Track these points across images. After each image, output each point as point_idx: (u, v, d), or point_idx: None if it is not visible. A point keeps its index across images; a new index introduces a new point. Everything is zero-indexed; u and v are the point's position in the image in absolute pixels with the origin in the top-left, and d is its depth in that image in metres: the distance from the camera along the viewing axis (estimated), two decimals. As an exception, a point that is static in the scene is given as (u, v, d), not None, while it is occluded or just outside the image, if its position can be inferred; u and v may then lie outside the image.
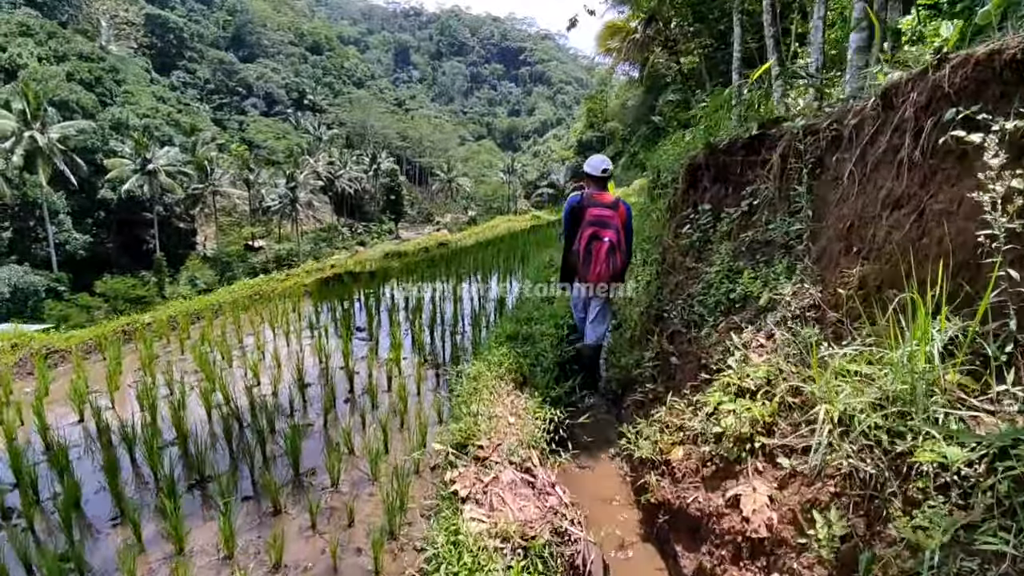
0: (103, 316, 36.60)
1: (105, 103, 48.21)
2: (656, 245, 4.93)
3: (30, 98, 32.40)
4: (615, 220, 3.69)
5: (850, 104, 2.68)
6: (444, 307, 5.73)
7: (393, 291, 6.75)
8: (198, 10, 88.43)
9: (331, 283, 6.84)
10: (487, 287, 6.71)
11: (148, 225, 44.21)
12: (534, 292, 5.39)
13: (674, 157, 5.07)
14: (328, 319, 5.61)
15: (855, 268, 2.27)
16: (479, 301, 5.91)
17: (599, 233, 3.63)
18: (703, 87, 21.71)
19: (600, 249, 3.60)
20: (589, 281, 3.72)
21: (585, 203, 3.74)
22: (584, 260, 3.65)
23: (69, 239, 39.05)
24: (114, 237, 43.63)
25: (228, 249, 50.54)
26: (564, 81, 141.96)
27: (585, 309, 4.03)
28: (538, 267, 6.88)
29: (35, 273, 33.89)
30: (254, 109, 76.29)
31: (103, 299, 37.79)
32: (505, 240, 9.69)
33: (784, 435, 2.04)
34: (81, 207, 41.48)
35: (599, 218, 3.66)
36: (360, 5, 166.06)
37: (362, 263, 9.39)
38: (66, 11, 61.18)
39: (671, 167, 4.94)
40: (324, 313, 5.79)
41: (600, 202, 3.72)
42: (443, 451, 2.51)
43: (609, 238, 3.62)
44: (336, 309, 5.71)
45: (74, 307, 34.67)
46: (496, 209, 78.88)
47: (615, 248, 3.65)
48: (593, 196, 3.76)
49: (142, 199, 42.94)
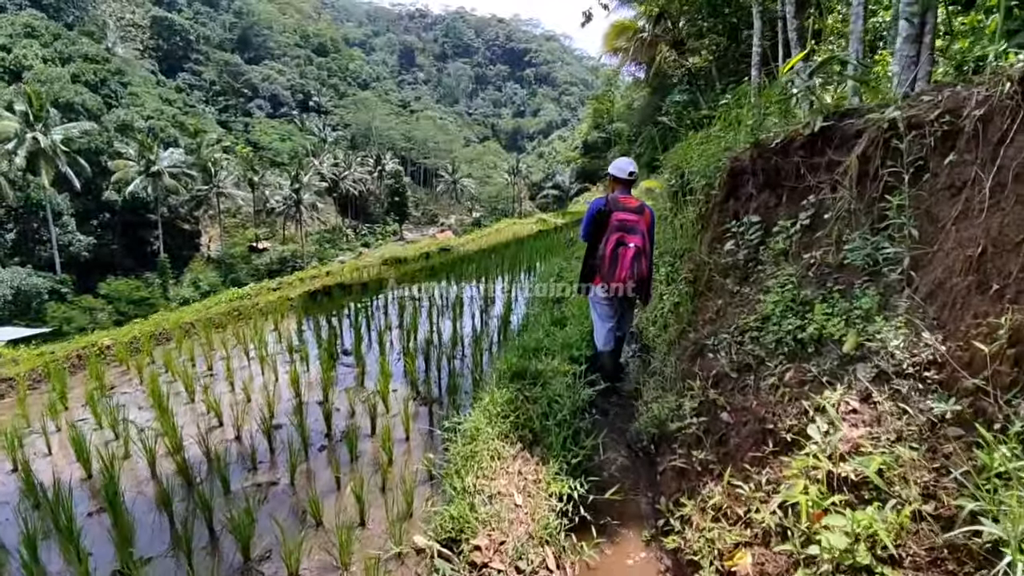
0: (106, 318, 36.44)
1: (111, 105, 48.11)
2: (685, 261, 4.27)
3: (32, 99, 32.21)
4: (641, 225, 3.57)
5: (970, 91, 2.02)
6: (442, 324, 5.14)
7: (387, 305, 6.16)
8: (205, 12, 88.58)
9: (319, 297, 6.30)
10: (490, 302, 6.15)
11: (152, 227, 44.02)
12: (544, 291, 4.80)
13: (707, 158, 4.41)
14: (312, 340, 5.01)
15: (1001, 316, 1.61)
16: (481, 318, 5.31)
17: (625, 239, 3.51)
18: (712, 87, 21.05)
19: (626, 255, 3.49)
20: (612, 287, 3.60)
21: (610, 207, 3.59)
22: (609, 265, 3.53)
23: (73, 241, 38.85)
24: (118, 239, 43.45)
25: (232, 251, 50.28)
26: (569, 82, 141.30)
27: (607, 309, 3.81)
28: (545, 278, 6.27)
29: (38, 275, 33.64)
30: (259, 111, 76.21)
31: (106, 301, 37.58)
32: (510, 247, 9.05)
33: (922, 567, 1.39)
34: (86, 209, 41.31)
35: (625, 223, 3.53)
36: (366, 7, 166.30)
37: (358, 270, 8.81)
38: (72, 13, 61.30)
39: (703, 170, 4.28)
40: (308, 332, 5.20)
41: (626, 206, 3.59)
42: (428, 548, 1.88)
43: (635, 244, 3.50)
44: (322, 328, 5.12)
45: (77, 309, 34.43)
46: (501, 211, 78.36)
47: (641, 254, 3.53)
48: (619, 200, 3.62)
49: (146, 201, 42.75)
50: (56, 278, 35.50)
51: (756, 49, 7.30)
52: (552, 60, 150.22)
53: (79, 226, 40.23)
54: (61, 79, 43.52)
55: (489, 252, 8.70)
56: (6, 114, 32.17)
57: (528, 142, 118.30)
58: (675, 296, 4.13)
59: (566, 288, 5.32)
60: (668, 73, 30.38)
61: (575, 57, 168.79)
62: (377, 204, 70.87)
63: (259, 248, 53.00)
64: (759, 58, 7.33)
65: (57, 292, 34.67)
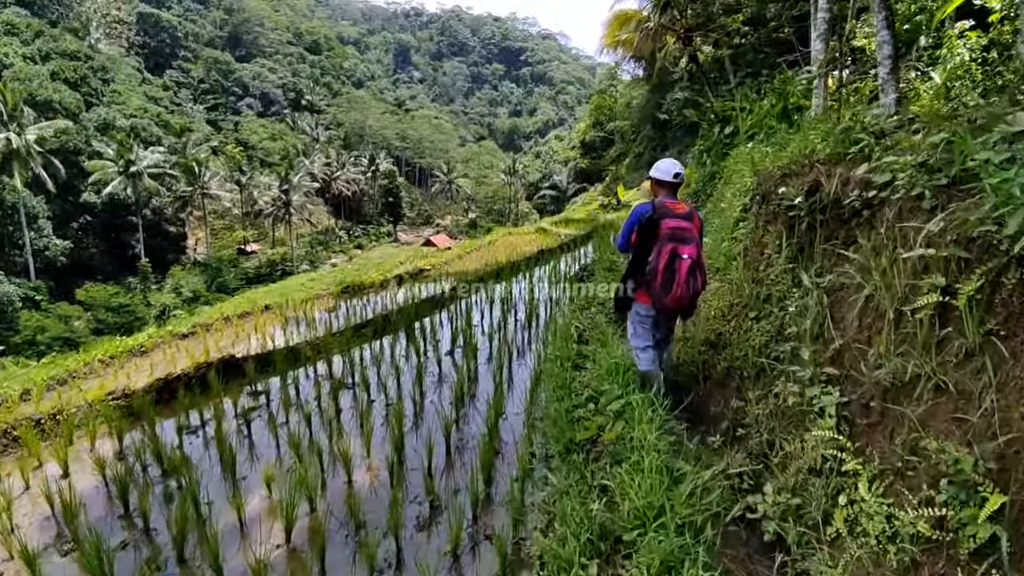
0: (84, 326, 34.81)
1: (91, 103, 46.40)
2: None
3: (7, 98, 30.57)
4: (693, 232, 3.18)
5: None
6: (376, 458, 3.04)
7: (294, 399, 3.96)
8: (194, 9, 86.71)
9: (172, 389, 3.84)
10: (470, 396, 3.88)
11: (135, 229, 42.38)
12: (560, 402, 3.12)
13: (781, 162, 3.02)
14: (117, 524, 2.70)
15: None
16: (450, 450, 3.17)
17: (679, 250, 3.09)
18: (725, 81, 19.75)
19: (682, 268, 3.07)
20: (667, 306, 3.11)
21: (659, 213, 3.19)
22: (664, 281, 3.08)
23: (49, 245, 37.17)
24: (98, 242, 41.78)
25: (220, 254, 48.64)
26: (566, 81, 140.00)
27: (653, 331, 3.33)
28: (562, 356, 3.75)
29: (11, 281, 31.97)
30: (249, 110, 74.42)
31: (84, 308, 35.94)
32: (504, 274, 7.26)
33: None
34: (64, 211, 39.62)
35: (676, 231, 3.13)
36: (360, 5, 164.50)
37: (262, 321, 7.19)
38: (56, 9, 59.43)
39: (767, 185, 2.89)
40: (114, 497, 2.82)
41: (675, 212, 3.21)
42: None
43: (689, 255, 3.10)
44: (147, 480, 2.91)
45: (51, 318, 32.81)
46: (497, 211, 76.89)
47: (696, 266, 3.12)
48: (667, 205, 3.24)
49: (127, 203, 41.09)
50: (30, 284, 33.86)
51: (822, 15, 5.75)
52: (549, 59, 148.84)
53: (57, 229, 38.54)
54: (39, 77, 41.79)
55: (475, 279, 6.99)
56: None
57: (525, 141, 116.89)
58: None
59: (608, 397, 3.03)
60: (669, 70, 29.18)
61: (572, 56, 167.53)
62: (371, 205, 69.30)
63: (248, 251, 51.39)
64: (825, 27, 5.77)
65: (31, 299, 33.04)
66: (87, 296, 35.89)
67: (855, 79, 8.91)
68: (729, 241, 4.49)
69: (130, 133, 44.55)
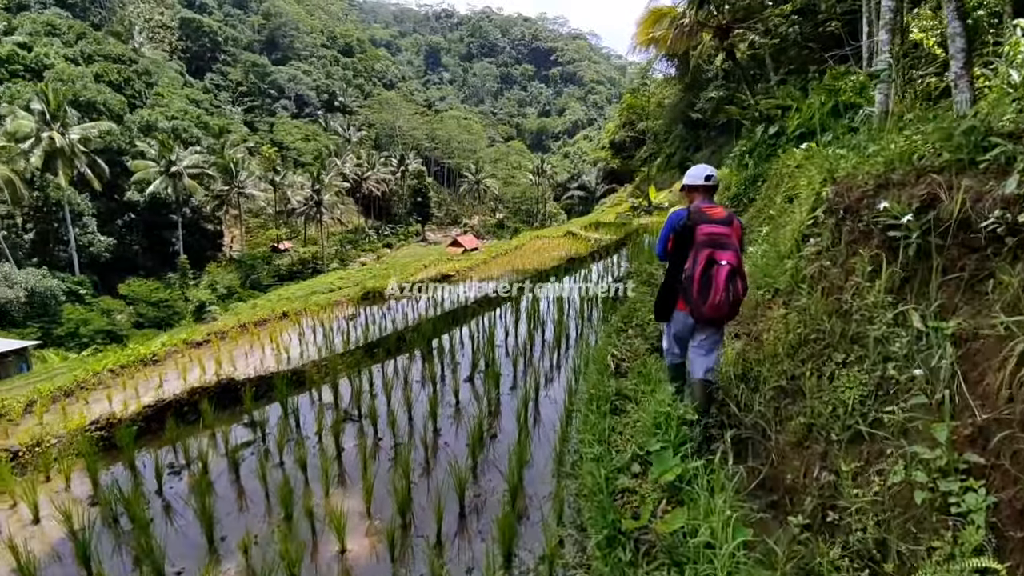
0: (125, 320, 36.09)
1: (134, 105, 48.20)
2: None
3: (50, 98, 31.89)
4: (732, 238, 3.03)
5: None
6: (376, 519, 2.60)
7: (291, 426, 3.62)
8: (234, 14, 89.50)
9: (162, 418, 3.45)
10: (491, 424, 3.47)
11: (174, 227, 43.79)
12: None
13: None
14: None
15: None
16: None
17: (716, 256, 2.94)
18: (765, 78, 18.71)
19: (719, 275, 2.90)
20: (705, 314, 2.95)
21: (694, 219, 3.07)
22: (700, 288, 2.93)
23: (93, 241, 38.71)
24: (140, 239, 43.32)
25: (254, 251, 49.81)
26: (596, 81, 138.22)
27: (688, 339, 3.21)
28: (597, 395, 3.21)
29: (54, 276, 33.36)
30: (284, 111, 76.20)
31: (126, 302, 37.27)
32: (532, 278, 6.76)
33: None
34: (108, 209, 41.24)
35: (713, 237, 2.99)
36: (393, 8, 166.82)
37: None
38: (99, 13, 62.07)
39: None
40: None
41: (712, 217, 3.06)
42: None
43: (728, 261, 2.92)
44: None
45: (94, 311, 34.07)
46: (525, 212, 76.32)
47: (736, 273, 2.93)
48: (703, 210, 3.11)
49: (168, 201, 42.47)
50: (74, 279, 35.27)
51: (887, 2, 5.00)
52: (579, 59, 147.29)
53: (103, 226, 40.12)
54: (83, 78, 43.53)
55: (494, 302, 6.47)
56: (22, 113, 31.93)
57: (553, 142, 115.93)
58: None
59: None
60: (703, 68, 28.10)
61: (602, 55, 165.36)
62: (400, 204, 69.85)
63: (281, 249, 52.48)
64: (891, 15, 5.02)
65: (75, 294, 34.38)
66: (129, 291, 37.20)
67: (919, 76, 8.06)
68: (795, 259, 3.84)
69: (171, 134, 46.05)
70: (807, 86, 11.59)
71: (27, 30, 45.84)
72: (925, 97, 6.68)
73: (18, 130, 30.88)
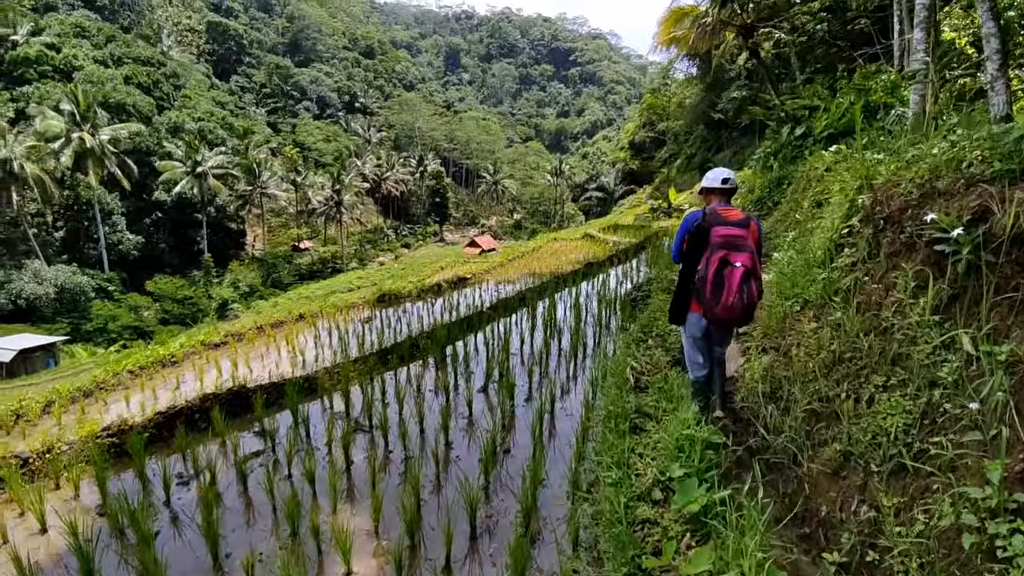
0: (152, 316, 37.07)
1: (163, 107, 49.47)
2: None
3: (79, 99, 32.85)
4: (748, 241, 3.01)
5: None
6: (384, 538, 2.49)
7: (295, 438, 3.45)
8: (259, 18, 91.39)
9: (172, 425, 3.38)
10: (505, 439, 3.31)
11: (199, 226, 44.83)
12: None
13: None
14: None
15: None
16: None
17: (730, 257, 2.94)
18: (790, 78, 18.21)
19: (733, 276, 2.90)
20: (718, 315, 2.96)
21: (709, 221, 3.08)
22: (713, 289, 2.94)
23: (123, 239, 39.86)
24: (167, 238, 44.49)
25: (276, 250, 50.73)
26: (616, 81, 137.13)
27: (705, 339, 3.25)
28: (616, 413, 3.06)
29: (84, 273, 34.42)
30: (306, 112, 77.46)
31: (153, 299, 38.32)
32: (547, 290, 6.58)
33: None
34: (137, 208, 42.45)
35: (728, 239, 2.99)
36: (413, 10, 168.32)
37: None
38: (128, 16, 63.85)
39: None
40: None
41: (727, 219, 3.06)
42: None
43: (742, 263, 2.92)
44: None
45: (122, 307, 35.08)
46: (542, 212, 76.10)
47: (750, 275, 2.93)
48: (719, 212, 3.11)
49: (193, 200, 43.50)
50: (103, 276, 36.35)
51: (922, 0, 4.73)
52: (598, 59, 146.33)
53: (131, 225, 41.32)
54: (113, 80, 44.76)
55: (510, 303, 6.39)
56: (52, 113, 32.96)
57: (572, 142, 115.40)
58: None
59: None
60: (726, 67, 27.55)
61: (622, 55, 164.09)
62: (418, 205, 70.36)
63: (302, 248, 53.35)
64: (926, 13, 4.73)
65: (104, 290, 35.44)
66: (156, 288, 38.24)
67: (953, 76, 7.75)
68: (827, 269, 3.64)
69: (198, 135, 47.15)
70: (835, 85, 11.21)
71: (55, 31, 47.21)
72: (959, 98, 6.37)
73: (48, 130, 31.91)
